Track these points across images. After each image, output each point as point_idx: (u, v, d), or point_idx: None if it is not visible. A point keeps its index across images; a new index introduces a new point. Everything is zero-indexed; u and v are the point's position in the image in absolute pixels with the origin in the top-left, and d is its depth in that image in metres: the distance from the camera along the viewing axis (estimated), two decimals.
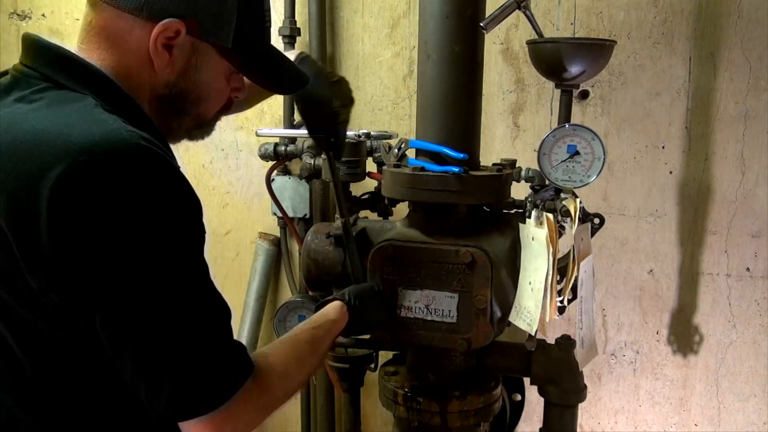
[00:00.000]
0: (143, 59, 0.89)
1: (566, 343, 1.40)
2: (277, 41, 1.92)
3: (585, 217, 1.30)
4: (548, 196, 1.28)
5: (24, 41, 0.93)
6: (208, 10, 0.90)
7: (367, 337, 1.36)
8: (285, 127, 1.95)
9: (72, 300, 0.79)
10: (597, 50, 1.26)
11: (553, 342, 1.43)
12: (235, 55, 0.95)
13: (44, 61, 0.89)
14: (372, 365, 1.55)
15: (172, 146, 0.96)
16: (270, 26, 1.00)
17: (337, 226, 1.39)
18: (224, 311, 0.86)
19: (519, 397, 1.70)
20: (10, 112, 0.83)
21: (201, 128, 1.02)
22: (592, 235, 1.34)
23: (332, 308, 1.16)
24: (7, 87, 0.88)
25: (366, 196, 1.57)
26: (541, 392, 1.44)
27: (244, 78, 1.01)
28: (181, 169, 0.83)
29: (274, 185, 2.00)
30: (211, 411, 0.81)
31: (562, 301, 1.25)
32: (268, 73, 1.02)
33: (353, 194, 1.57)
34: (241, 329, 2.10)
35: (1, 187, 0.77)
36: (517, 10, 1.26)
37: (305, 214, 2.04)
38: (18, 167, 0.77)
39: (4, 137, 0.80)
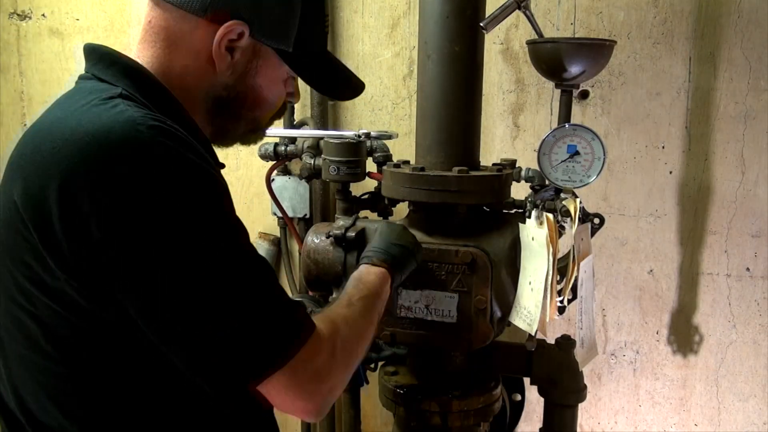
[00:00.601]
0: (203, 60, 0.90)
1: (566, 343, 1.40)
2: None
3: (585, 217, 1.30)
4: (548, 196, 1.28)
5: (83, 50, 0.93)
6: (272, 14, 0.90)
7: None
8: (285, 127, 1.95)
9: (93, 288, 0.77)
10: (597, 50, 1.26)
11: (553, 342, 1.43)
12: (296, 60, 0.95)
13: (93, 62, 0.91)
14: (372, 365, 1.55)
15: (225, 149, 0.99)
16: (328, 32, 1.02)
17: (337, 226, 1.39)
18: (270, 272, 0.85)
19: (519, 397, 1.70)
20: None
21: (255, 132, 1.02)
22: (592, 235, 1.34)
23: (376, 276, 1.09)
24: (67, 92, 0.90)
25: (366, 196, 1.58)
26: (541, 392, 1.44)
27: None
28: (197, 159, 0.81)
29: (274, 185, 2.00)
30: (279, 367, 0.78)
31: (562, 301, 1.25)
32: (326, 78, 1.03)
33: (353, 194, 1.57)
34: None
35: (19, 174, 0.79)
36: (517, 10, 1.26)
37: (305, 214, 2.04)
38: (34, 153, 0.78)
39: (30, 129, 0.83)
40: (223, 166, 0.93)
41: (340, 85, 1.07)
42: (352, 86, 1.08)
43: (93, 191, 0.73)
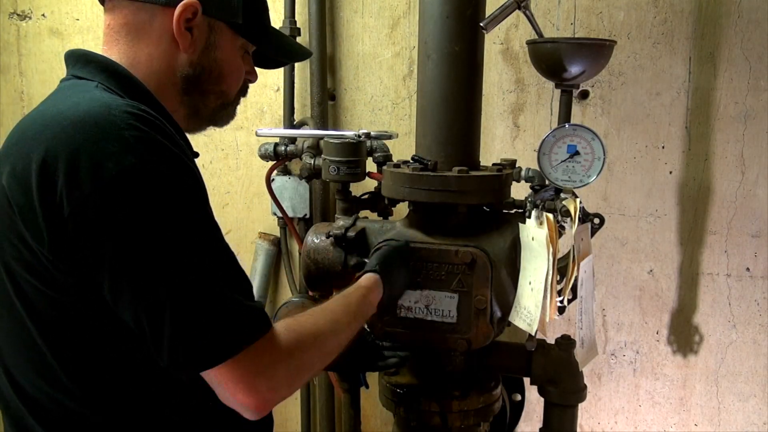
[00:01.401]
0: (165, 43, 0.97)
1: (566, 343, 1.40)
2: None
3: (585, 217, 1.30)
4: (548, 196, 1.27)
5: (64, 58, 1.02)
6: None
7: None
8: (285, 127, 1.95)
9: (70, 264, 0.81)
10: (597, 50, 1.26)
11: (553, 342, 1.43)
12: (247, 31, 1.03)
13: (72, 64, 0.99)
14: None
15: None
16: (268, 6, 1.10)
17: (337, 226, 1.39)
18: (235, 266, 0.88)
19: (519, 397, 1.70)
20: None
21: (225, 109, 1.08)
22: (592, 235, 1.34)
23: (364, 278, 1.17)
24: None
25: (366, 196, 1.58)
26: (541, 392, 1.44)
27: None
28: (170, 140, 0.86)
29: (274, 185, 2.00)
30: (225, 359, 0.81)
31: (562, 301, 1.25)
32: (277, 45, 1.11)
33: (353, 194, 1.57)
34: None
35: (6, 160, 0.84)
36: (517, 10, 1.26)
37: (305, 214, 2.04)
38: (20, 141, 0.84)
39: (17, 124, 0.90)
40: (197, 155, 0.98)
41: (290, 50, 1.16)
42: (300, 52, 1.20)
43: (69, 170, 0.78)
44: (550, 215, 1.20)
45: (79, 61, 0.97)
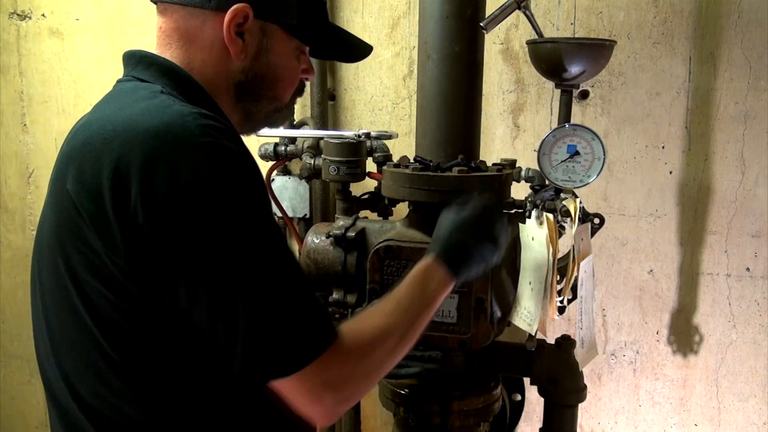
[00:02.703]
0: (217, 50, 0.94)
1: (566, 343, 1.40)
2: None
3: (585, 217, 1.30)
4: (548, 196, 1.27)
5: (123, 58, 0.99)
6: None
7: None
8: (285, 127, 1.95)
9: (143, 273, 0.80)
10: (597, 50, 1.26)
11: (553, 342, 1.43)
12: (302, 32, 0.99)
13: (132, 65, 0.96)
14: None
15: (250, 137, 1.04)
16: (326, 2, 1.07)
17: (337, 226, 1.39)
18: (304, 276, 0.87)
19: (519, 397, 1.70)
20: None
21: (279, 112, 1.05)
22: (592, 235, 1.34)
23: (437, 284, 1.01)
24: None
25: (366, 196, 1.58)
26: (541, 392, 1.44)
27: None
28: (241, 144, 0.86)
29: (274, 185, 2.00)
30: (294, 371, 0.80)
31: (562, 301, 1.25)
32: (334, 44, 1.08)
33: (353, 194, 1.57)
34: None
35: (71, 165, 0.83)
36: (517, 10, 1.26)
37: (305, 214, 2.04)
38: (84, 146, 0.82)
39: (77, 127, 0.89)
40: None
41: (348, 48, 1.11)
42: (360, 49, 1.12)
43: (144, 178, 0.77)
44: (550, 215, 1.20)
45: (141, 63, 0.95)
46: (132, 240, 0.78)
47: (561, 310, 1.26)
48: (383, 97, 1.97)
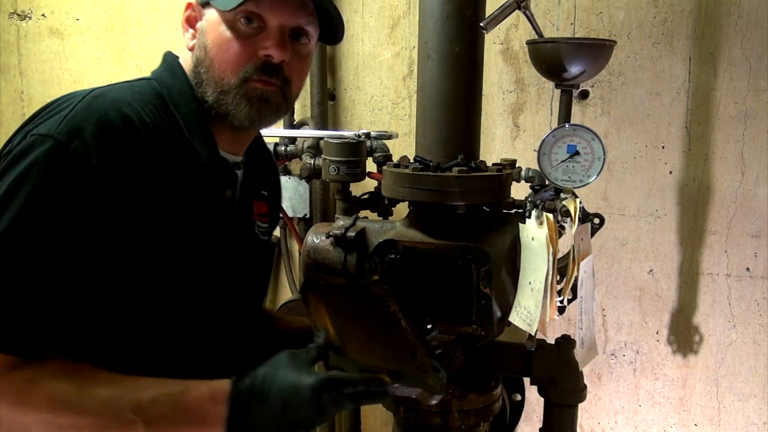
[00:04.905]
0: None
1: (566, 343, 1.40)
2: None
3: (585, 217, 1.30)
4: (548, 196, 1.28)
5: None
6: None
7: None
8: (285, 127, 1.95)
9: None
10: (597, 50, 1.26)
11: (553, 342, 1.43)
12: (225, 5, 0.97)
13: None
14: None
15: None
16: None
17: (337, 226, 1.39)
18: (46, 288, 0.84)
19: (519, 397, 1.70)
20: None
21: (224, 97, 0.98)
22: (592, 235, 1.34)
23: (209, 398, 0.85)
24: None
25: (366, 196, 1.58)
26: (541, 392, 1.44)
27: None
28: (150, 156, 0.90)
29: None
30: None
31: (562, 301, 1.25)
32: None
33: (353, 194, 1.57)
34: None
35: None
36: (517, 10, 1.26)
37: (305, 214, 2.04)
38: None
39: None
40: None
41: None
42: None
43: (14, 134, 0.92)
44: (550, 215, 1.20)
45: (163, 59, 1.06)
46: None
47: (561, 310, 1.26)
48: (383, 97, 1.97)
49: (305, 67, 1.07)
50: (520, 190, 1.50)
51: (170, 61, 1.04)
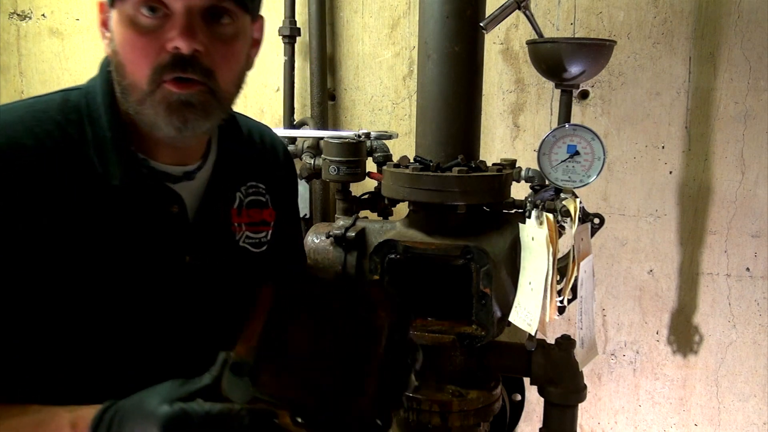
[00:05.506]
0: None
1: (566, 343, 1.40)
2: (277, 41, 1.92)
3: (585, 217, 1.31)
4: (548, 196, 1.28)
5: None
6: None
7: None
8: (285, 127, 1.95)
9: None
10: (597, 50, 1.26)
11: (553, 342, 1.43)
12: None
13: None
14: None
15: None
16: None
17: (337, 226, 1.39)
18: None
19: (519, 397, 1.70)
20: None
21: (142, 104, 0.85)
22: (592, 235, 1.34)
23: (69, 427, 0.78)
24: None
25: (366, 196, 1.58)
26: (541, 392, 1.44)
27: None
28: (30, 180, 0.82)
29: None
30: None
31: (562, 301, 1.25)
32: None
33: (353, 194, 1.57)
34: None
35: None
36: (517, 10, 1.26)
37: (305, 214, 2.04)
38: None
39: None
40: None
41: None
42: None
43: None
44: (550, 215, 1.20)
45: None
46: None
47: (561, 310, 1.26)
48: (383, 97, 1.97)
49: (235, 52, 0.87)
50: (520, 190, 1.50)
51: (102, 68, 0.90)
